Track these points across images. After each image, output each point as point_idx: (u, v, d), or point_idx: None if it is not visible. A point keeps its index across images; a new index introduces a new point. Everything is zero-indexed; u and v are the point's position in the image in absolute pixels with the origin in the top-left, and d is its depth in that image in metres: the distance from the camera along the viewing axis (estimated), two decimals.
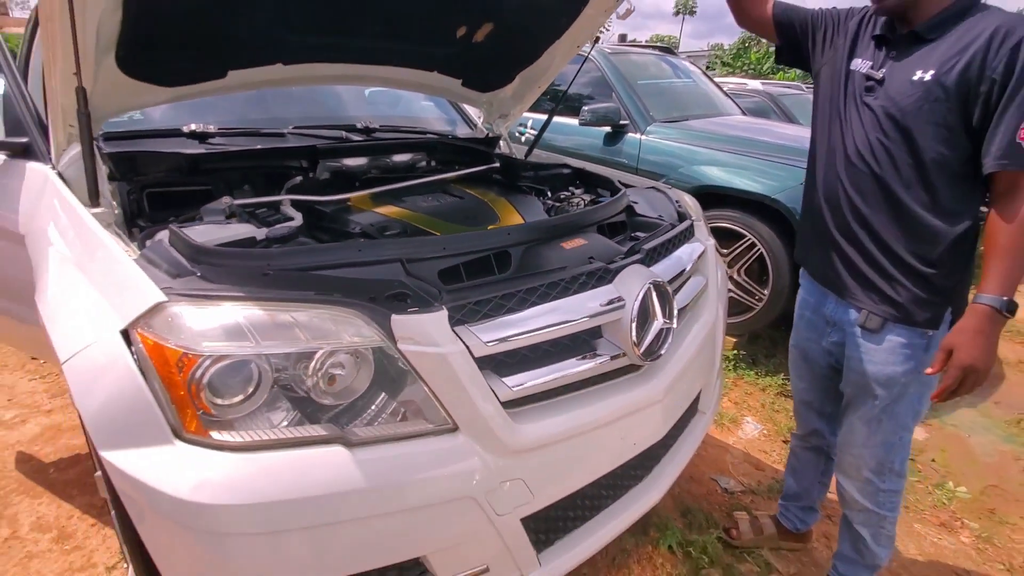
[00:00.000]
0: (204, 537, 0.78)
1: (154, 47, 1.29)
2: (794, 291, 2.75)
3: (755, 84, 5.87)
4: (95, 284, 0.99)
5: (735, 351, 2.98)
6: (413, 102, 2.59)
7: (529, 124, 3.96)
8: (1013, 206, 1.05)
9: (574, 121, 3.63)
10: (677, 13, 51.47)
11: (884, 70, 1.17)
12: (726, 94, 4.81)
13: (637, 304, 1.11)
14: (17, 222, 1.46)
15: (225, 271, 0.89)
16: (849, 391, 1.35)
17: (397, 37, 1.61)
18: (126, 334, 0.84)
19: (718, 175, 3.02)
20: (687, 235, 1.55)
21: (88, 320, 0.91)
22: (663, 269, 1.30)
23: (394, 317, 0.87)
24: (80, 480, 2.05)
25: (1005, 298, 1.05)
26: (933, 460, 2.29)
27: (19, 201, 1.47)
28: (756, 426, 2.47)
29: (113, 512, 1.02)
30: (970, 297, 1.14)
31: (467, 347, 0.91)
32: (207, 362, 0.80)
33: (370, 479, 0.83)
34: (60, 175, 1.36)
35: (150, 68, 1.36)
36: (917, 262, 1.17)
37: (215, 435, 0.80)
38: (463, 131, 2.40)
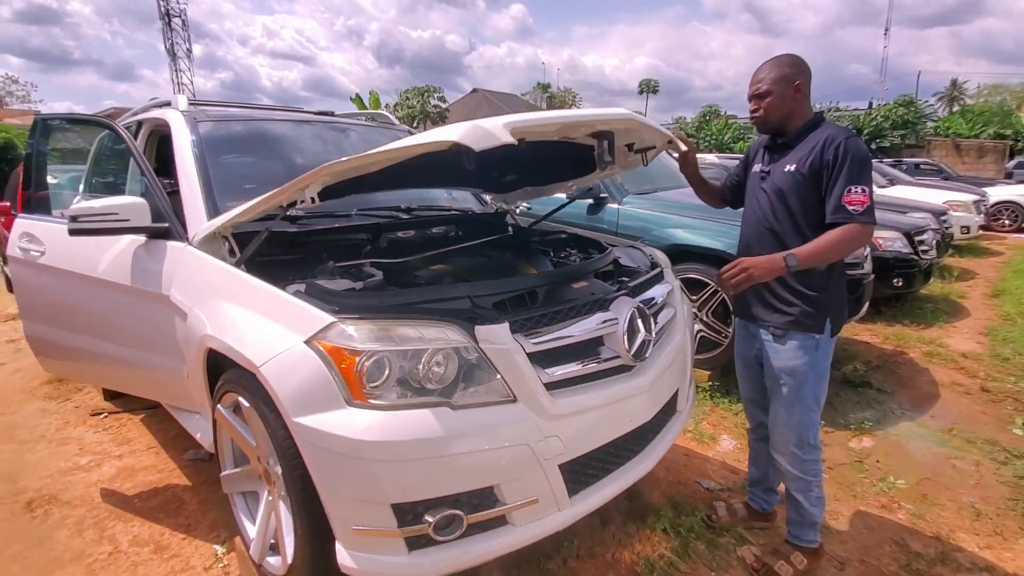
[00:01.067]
0: (358, 462, 1.24)
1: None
2: None
3: (711, 158, 6.72)
4: (262, 314, 1.48)
5: (710, 383, 3.48)
6: None
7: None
8: (838, 230, 1.62)
9: (562, 196, 4.27)
10: (641, 92, 55.56)
11: (770, 166, 1.82)
12: None
13: (626, 322, 1.64)
14: (161, 285, 1.95)
15: (357, 305, 1.40)
16: (770, 385, 1.85)
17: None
18: (307, 343, 1.33)
19: (685, 236, 3.64)
20: (659, 278, 2.10)
21: (271, 337, 1.40)
22: (643, 299, 1.84)
23: (477, 327, 1.37)
24: (164, 506, 2.40)
25: (794, 255, 1.61)
26: (877, 461, 2.75)
27: (162, 269, 1.96)
28: (731, 441, 2.93)
29: (279, 466, 1.44)
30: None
31: (521, 346, 1.41)
32: (364, 357, 1.29)
33: (464, 428, 1.30)
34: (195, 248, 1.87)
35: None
36: (804, 288, 1.72)
37: (371, 401, 1.27)
38: (477, 208, 3.00)
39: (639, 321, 1.69)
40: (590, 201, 4.22)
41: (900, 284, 4.85)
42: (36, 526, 2.30)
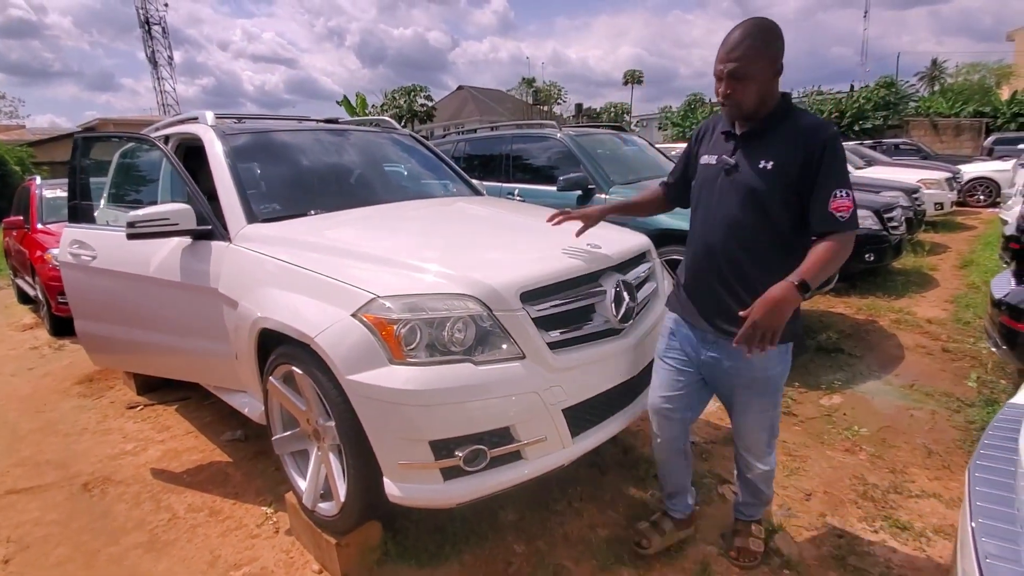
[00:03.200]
0: (401, 408, 1.54)
1: None
2: None
3: None
4: (310, 296, 1.78)
5: None
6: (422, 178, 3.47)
7: (516, 193, 4.91)
8: (830, 240, 1.46)
9: (552, 188, 4.58)
10: (626, 83, 55.80)
11: (737, 158, 1.58)
12: (669, 158, 5.89)
13: (613, 291, 1.94)
14: (208, 280, 2.23)
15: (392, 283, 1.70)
16: (738, 393, 1.72)
17: None
18: (353, 315, 1.63)
19: (668, 221, 3.94)
20: (642, 257, 2.40)
21: (321, 313, 1.70)
22: (629, 275, 2.14)
23: (491, 298, 1.67)
24: (211, 479, 2.69)
25: (804, 280, 1.42)
26: (844, 414, 3.08)
27: (209, 266, 2.24)
28: (715, 403, 3.24)
29: (332, 420, 1.74)
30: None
31: (527, 313, 1.71)
32: (400, 325, 1.59)
33: (484, 379, 1.60)
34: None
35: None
36: None
37: (408, 360, 1.57)
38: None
39: (624, 292, 1.99)
40: (579, 192, 4.52)
41: (872, 259, 5.19)
42: (96, 503, 2.59)
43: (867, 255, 5.18)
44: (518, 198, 4.89)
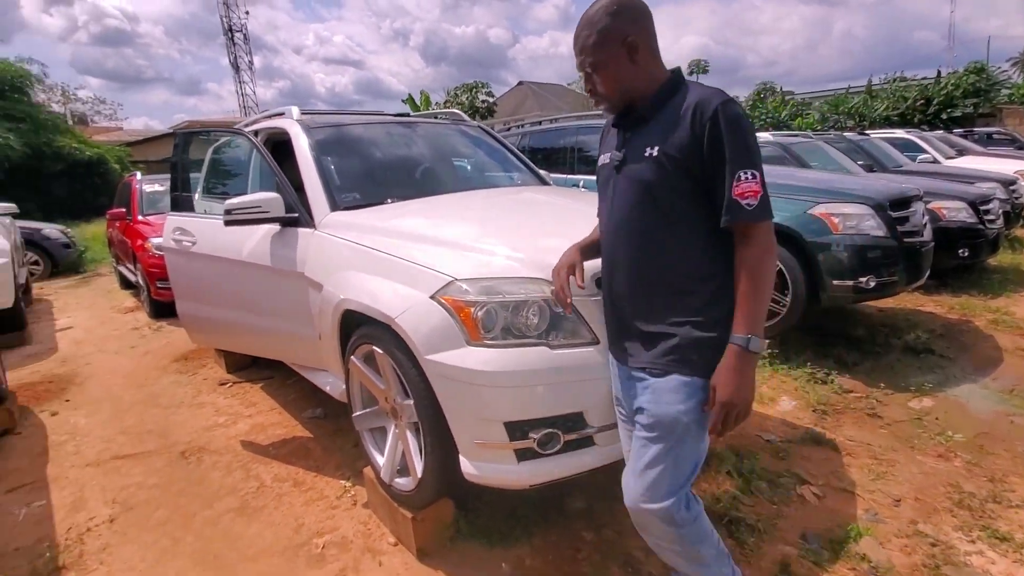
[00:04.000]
0: (478, 388, 1.59)
1: None
2: (810, 298, 3.46)
3: (766, 136, 6.75)
4: (390, 279, 1.86)
5: (769, 350, 3.66)
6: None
7: (581, 184, 4.88)
8: (744, 252, 1.19)
9: None
10: (691, 73, 54.03)
11: (624, 150, 1.32)
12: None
13: None
14: (295, 264, 2.37)
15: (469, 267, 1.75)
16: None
17: None
18: (432, 297, 1.69)
19: None
20: None
21: (401, 295, 1.77)
22: None
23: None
24: (295, 453, 2.86)
25: (748, 336, 1.16)
26: (936, 418, 2.88)
27: (296, 251, 2.39)
28: (791, 402, 3.12)
29: (411, 398, 1.82)
30: None
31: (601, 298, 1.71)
32: (477, 308, 1.64)
33: (559, 363, 1.62)
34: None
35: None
36: (689, 311, 1.26)
37: (485, 341, 1.62)
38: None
39: None
40: None
41: (966, 255, 4.80)
42: (192, 469, 2.81)
43: (961, 250, 4.79)
44: (583, 189, 4.86)
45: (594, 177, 1.50)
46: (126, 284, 7.21)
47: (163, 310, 5.64)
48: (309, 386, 2.71)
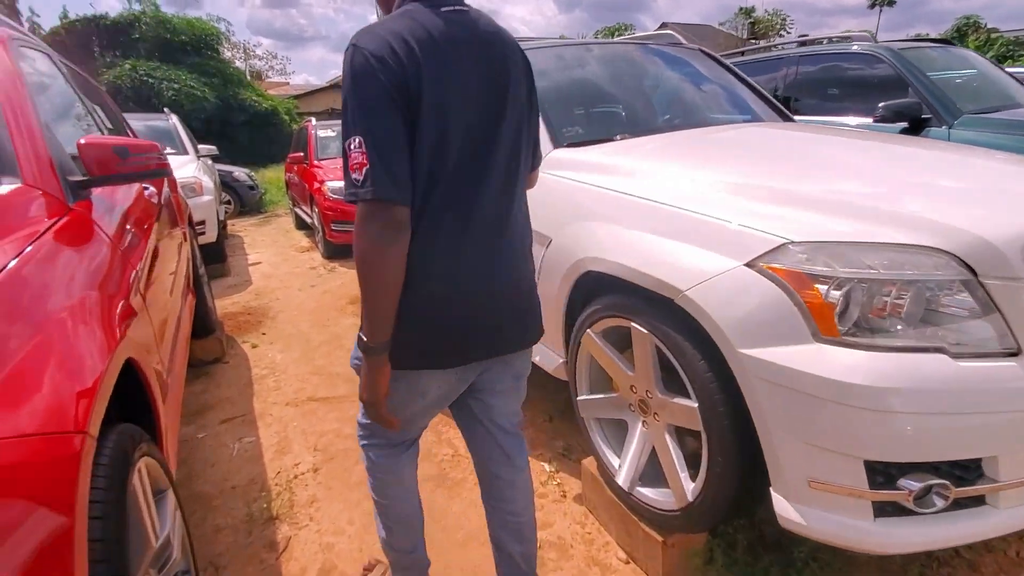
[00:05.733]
0: (838, 407, 1.06)
1: None
2: None
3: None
4: (664, 235, 1.38)
5: None
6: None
7: None
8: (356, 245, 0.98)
9: (862, 119, 3.58)
10: (872, 6, 45.40)
11: None
12: (1021, 82, 4.30)
13: None
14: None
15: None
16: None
17: None
18: (749, 265, 1.18)
19: None
20: None
21: (693, 259, 1.28)
22: None
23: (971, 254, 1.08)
24: None
25: (359, 335, 1.04)
26: None
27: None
28: None
29: (694, 399, 1.35)
30: None
31: None
32: (832, 285, 1.09)
33: (967, 383, 1.04)
34: None
35: None
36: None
37: (847, 339, 1.08)
38: None
39: None
40: (904, 124, 3.45)
41: None
42: None
43: None
44: None
45: (825, 118, 1.15)
46: (301, 224, 7.67)
47: (336, 251, 5.82)
48: None
